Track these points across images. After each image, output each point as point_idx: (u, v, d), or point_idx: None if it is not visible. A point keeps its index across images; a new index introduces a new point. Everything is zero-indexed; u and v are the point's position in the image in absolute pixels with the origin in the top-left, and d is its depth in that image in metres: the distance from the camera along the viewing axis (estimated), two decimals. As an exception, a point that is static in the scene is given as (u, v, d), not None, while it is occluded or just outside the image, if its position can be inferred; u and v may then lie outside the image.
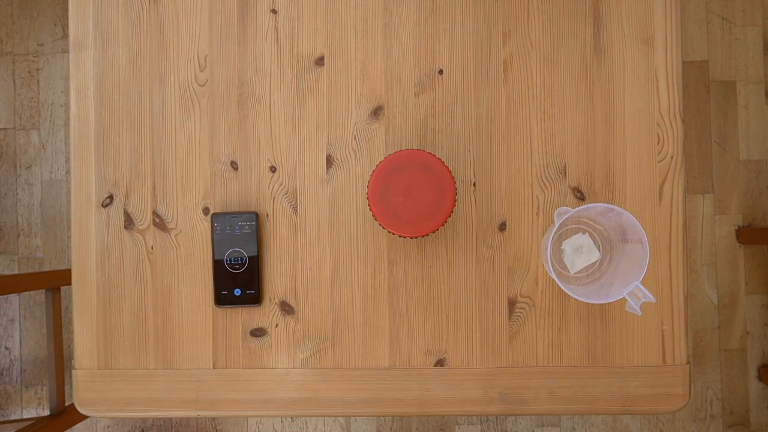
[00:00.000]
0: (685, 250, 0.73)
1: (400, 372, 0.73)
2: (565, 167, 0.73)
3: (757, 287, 1.50)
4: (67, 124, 1.56)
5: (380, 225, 0.64)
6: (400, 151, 0.64)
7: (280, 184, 0.74)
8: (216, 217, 0.73)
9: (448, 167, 0.64)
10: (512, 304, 0.73)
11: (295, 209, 0.74)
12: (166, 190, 0.75)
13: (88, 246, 0.75)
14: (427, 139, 0.74)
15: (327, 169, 0.74)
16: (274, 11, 0.75)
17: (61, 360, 1.18)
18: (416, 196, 0.64)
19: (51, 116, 1.56)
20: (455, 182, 0.64)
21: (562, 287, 0.62)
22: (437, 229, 0.64)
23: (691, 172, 1.51)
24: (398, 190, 0.64)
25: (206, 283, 0.74)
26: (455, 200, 0.64)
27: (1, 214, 1.56)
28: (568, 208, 0.71)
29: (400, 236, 0.65)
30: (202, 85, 0.75)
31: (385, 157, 0.64)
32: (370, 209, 0.64)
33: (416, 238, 0.69)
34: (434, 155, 0.64)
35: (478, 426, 1.51)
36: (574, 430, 1.50)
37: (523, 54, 0.74)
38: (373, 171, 0.64)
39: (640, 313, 0.62)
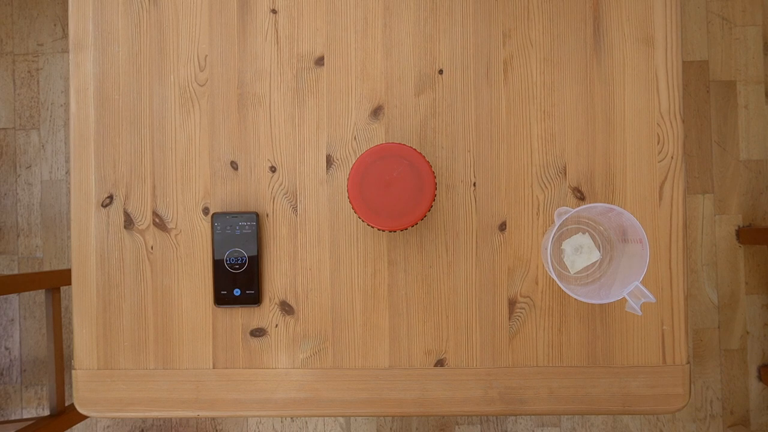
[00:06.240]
0: (685, 250, 0.73)
1: (400, 372, 0.73)
2: (565, 167, 0.73)
3: (757, 287, 1.49)
4: (67, 124, 1.56)
5: (360, 218, 0.64)
6: (380, 144, 0.64)
7: (280, 184, 0.74)
8: (216, 217, 0.73)
9: (427, 160, 0.64)
10: (512, 304, 0.73)
11: (295, 209, 0.74)
12: (166, 190, 0.75)
13: (88, 246, 0.75)
14: (427, 139, 0.74)
15: (327, 169, 0.74)
16: (274, 11, 0.75)
17: (61, 360, 1.18)
18: (396, 189, 0.64)
19: (51, 116, 1.56)
20: (434, 175, 0.64)
21: (562, 287, 0.62)
22: (417, 222, 0.64)
23: (691, 172, 1.51)
24: (378, 183, 0.64)
25: (206, 283, 0.74)
26: (435, 192, 0.64)
27: (1, 214, 1.56)
28: (568, 208, 0.71)
29: (380, 230, 0.65)
30: (202, 85, 0.75)
31: (365, 150, 0.64)
32: (350, 202, 0.64)
33: (396, 231, 0.69)
34: (414, 149, 0.64)
35: (478, 426, 1.51)
36: (574, 430, 1.50)
37: (523, 54, 0.74)
38: (353, 164, 0.64)
39: (640, 313, 0.62)
